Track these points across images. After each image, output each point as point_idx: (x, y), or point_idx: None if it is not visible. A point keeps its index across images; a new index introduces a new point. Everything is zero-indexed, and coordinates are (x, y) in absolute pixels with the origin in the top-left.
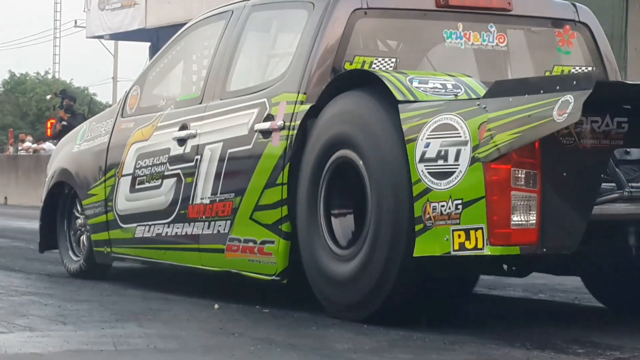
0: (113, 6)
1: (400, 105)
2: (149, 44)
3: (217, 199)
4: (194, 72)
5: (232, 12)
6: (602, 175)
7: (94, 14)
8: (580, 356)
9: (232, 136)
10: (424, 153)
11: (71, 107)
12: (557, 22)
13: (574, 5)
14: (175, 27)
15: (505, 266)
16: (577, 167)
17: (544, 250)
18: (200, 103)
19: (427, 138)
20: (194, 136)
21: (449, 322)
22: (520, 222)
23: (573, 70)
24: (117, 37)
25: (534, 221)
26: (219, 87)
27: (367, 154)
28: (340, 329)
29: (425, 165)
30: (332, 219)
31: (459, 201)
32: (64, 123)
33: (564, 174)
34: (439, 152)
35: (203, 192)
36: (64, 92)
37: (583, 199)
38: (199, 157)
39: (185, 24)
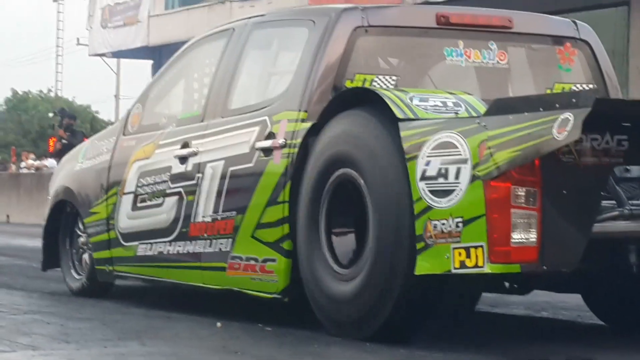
0: (115, 24)
1: (400, 124)
2: (151, 61)
3: (219, 217)
4: (196, 90)
5: (234, 30)
6: (602, 193)
7: (96, 32)
8: None
9: (234, 154)
10: (424, 171)
11: (71, 126)
12: (558, 40)
13: (575, 23)
14: (178, 45)
15: (507, 284)
16: (577, 185)
17: (544, 268)
18: (202, 121)
19: (427, 156)
20: (196, 154)
21: (451, 340)
22: (520, 240)
23: (574, 88)
24: (119, 55)
25: (534, 239)
26: (220, 105)
27: (367, 172)
28: (342, 347)
29: (426, 183)
30: (333, 237)
31: (460, 219)
32: (64, 142)
33: (564, 191)
34: (440, 170)
35: (205, 210)
36: (62, 111)
37: (583, 217)
38: (200, 175)
39: (187, 41)
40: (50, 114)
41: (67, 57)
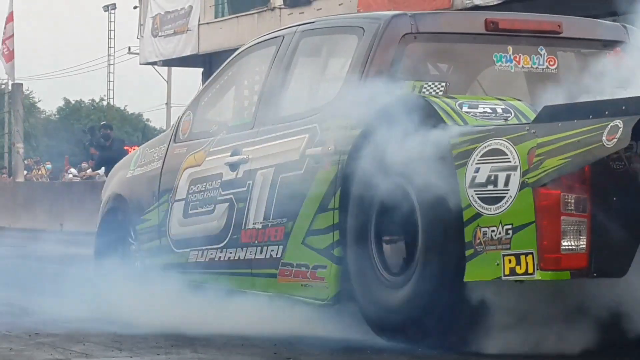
0: (166, 33)
1: (450, 131)
2: (201, 69)
3: (270, 224)
4: (246, 98)
5: (283, 37)
6: None
7: (147, 40)
8: None
9: (284, 161)
10: (473, 178)
11: (108, 136)
12: (608, 44)
13: (625, 27)
14: (228, 53)
15: None
16: (627, 191)
17: (595, 275)
18: (252, 128)
19: (476, 163)
20: (246, 161)
21: (503, 344)
22: (570, 247)
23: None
24: (170, 63)
25: (584, 246)
26: (270, 112)
27: (416, 179)
28: (394, 353)
29: (475, 191)
30: (384, 245)
31: (509, 226)
32: (106, 155)
33: (614, 198)
34: (489, 177)
35: (255, 217)
36: (92, 129)
37: (633, 223)
38: (251, 182)
39: (237, 49)
40: (102, 123)
41: (119, 66)
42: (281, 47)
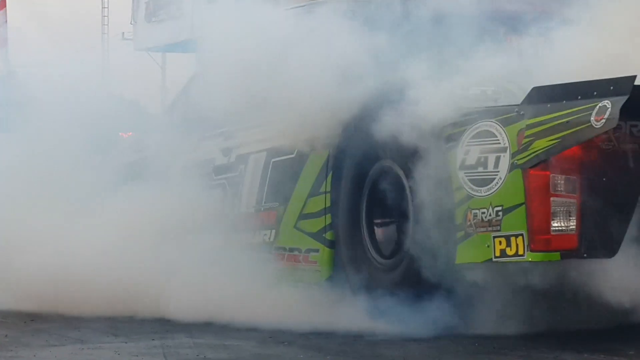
0: (160, 18)
1: (440, 113)
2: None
3: (262, 209)
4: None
5: None
6: None
7: (141, 26)
8: (631, 358)
9: (276, 145)
10: (464, 160)
11: None
12: None
13: None
14: None
15: None
16: (617, 172)
17: (585, 255)
18: (245, 112)
19: (466, 145)
20: (238, 146)
21: (497, 326)
22: (560, 228)
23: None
24: (164, 48)
25: (574, 227)
26: (262, 96)
27: (406, 162)
28: (390, 336)
29: (465, 172)
30: (375, 228)
31: (499, 208)
32: None
33: (604, 179)
34: (479, 159)
35: (248, 201)
36: None
37: (623, 204)
38: (243, 166)
39: None
40: None
41: (113, 52)
42: None
